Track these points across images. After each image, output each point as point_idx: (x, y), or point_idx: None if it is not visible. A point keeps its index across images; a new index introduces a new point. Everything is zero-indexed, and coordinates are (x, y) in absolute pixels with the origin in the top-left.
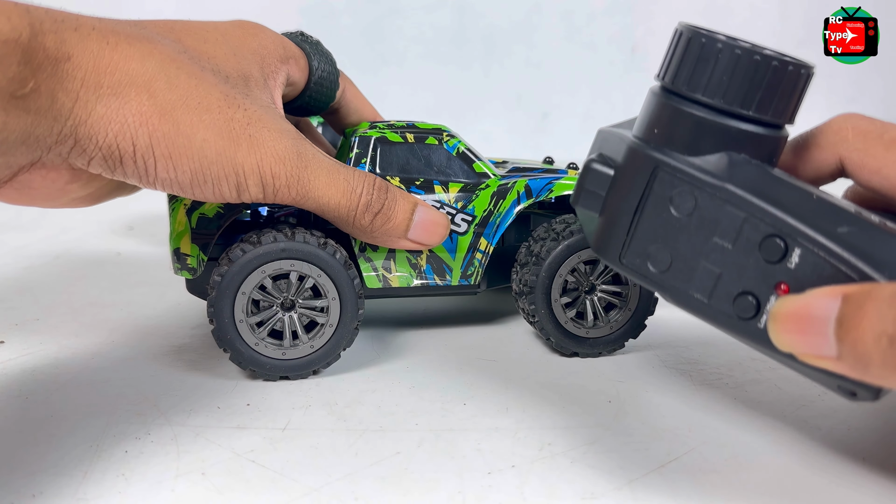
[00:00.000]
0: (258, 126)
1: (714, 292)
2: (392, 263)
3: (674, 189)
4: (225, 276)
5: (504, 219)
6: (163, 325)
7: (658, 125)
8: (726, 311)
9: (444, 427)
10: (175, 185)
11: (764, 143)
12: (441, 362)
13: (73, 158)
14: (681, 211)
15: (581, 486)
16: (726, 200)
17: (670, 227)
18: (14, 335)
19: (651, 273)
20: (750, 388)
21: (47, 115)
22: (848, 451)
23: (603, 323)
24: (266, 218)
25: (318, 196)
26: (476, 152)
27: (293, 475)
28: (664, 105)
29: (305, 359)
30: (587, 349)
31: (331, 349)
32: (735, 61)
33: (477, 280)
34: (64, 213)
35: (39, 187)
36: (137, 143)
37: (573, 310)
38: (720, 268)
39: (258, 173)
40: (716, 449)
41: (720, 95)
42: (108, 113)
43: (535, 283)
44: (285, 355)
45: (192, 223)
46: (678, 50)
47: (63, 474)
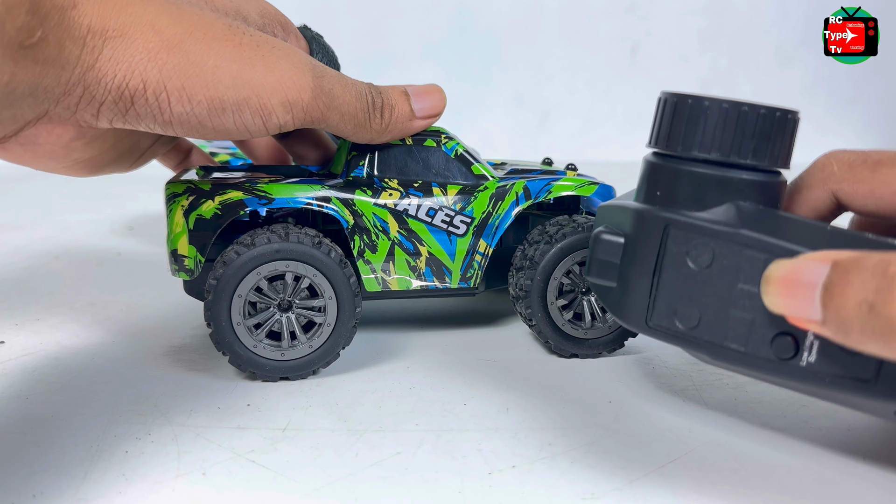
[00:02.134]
0: (268, 47)
1: (750, 339)
2: (391, 266)
3: (689, 244)
4: (220, 280)
5: (503, 220)
6: (163, 326)
7: (660, 188)
8: (765, 355)
9: (444, 427)
10: (193, 119)
11: (765, 189)
12: (441, 362)
13: (82, 110)
14: (699, 264)
15: (581, 486)
16: (744, 245)
17: (692, 283)
18: (14, 335)
19: (681, 332)
20: (750, 388)
21: (55, 65)
22: (848, 451)
23: (601, 323)
24: (264, 219)
25: (339, 104)
26: (474, 154)
27: (293, 475)
28: (662, 168)
29: (304, 359)
30: (586, 350)
31: (329, 348)
32: (724, 116)
33: (476, 282)
34: (64, 213)
35: (44, 143)
36: (147, 80)
37: (570, 311)
38: (751, 313)
39: (282, 92)
40: (716, 449)
41: (716, 149)
42: (115, 54)
43: (530, 288)
44: (284, 356)
45: (190, 224)
46: (666, 115)
47: (63, 474)
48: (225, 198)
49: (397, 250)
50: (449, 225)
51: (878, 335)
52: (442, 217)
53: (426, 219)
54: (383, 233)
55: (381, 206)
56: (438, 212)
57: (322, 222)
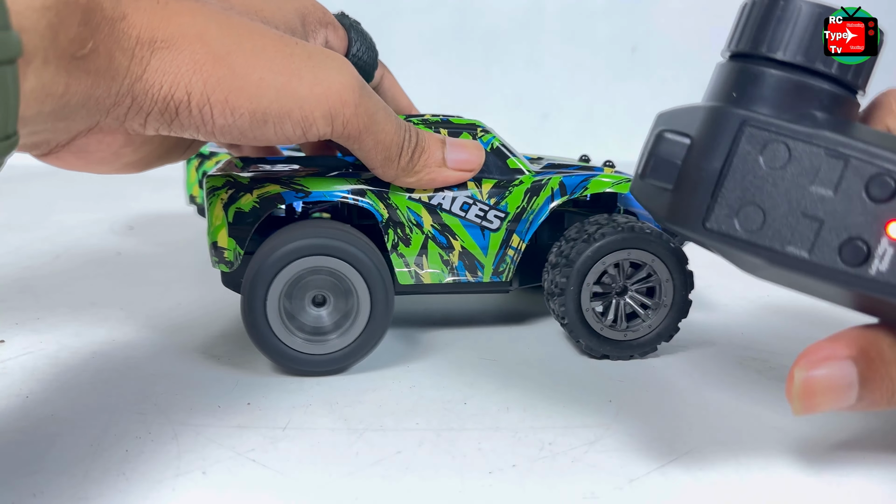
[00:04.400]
0: (320, 58)
1: (816, 244)
2: (424, 259)
3: (765, 143)
4: (263, 265)
5: (537, 216)
6: (163, 325)
7: (737, 90)
8: (831, 262)
9: (444, 426)
10: (235, 130)
11: (843, 104)
12: (441, 362)
13: (130, 120)
14: (773, 165)
15: (582, 485)
16: (825, 146)
17: (762, 183)
18: (14, 335)
19: (740, 234)
20: (750, 387)
21: (105, 76)
22: (848, 451)
23: (620, 328)
24: (300, 214)
25: (378, 129)
26: (511, 148)
27: (294, 474)
28: (742, 70)
29: (331, 356)
30: (594, 345)
31: (357, 349)
32: (816, 20)
33: (509, 277)
34: (64, 213)
35: (95, 151)
36: (192, 92)
37: (607, 317)
38: (821, 217)
39: (326, 104)
40: (716, 449)
41: (802, 53)
42: (162, 65)
43: (565, 286)
44: (311, 350)
45: (230, 217)
46: (754, 15)
47: (64, 473)
48: (263, 191)
49: (430, 244)
50: (482, 219)
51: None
52: (476, 211)
53: (460, 213)
54: (417, 226)
55: (416, 200)
56: (472, 206)
57: (357, 216)
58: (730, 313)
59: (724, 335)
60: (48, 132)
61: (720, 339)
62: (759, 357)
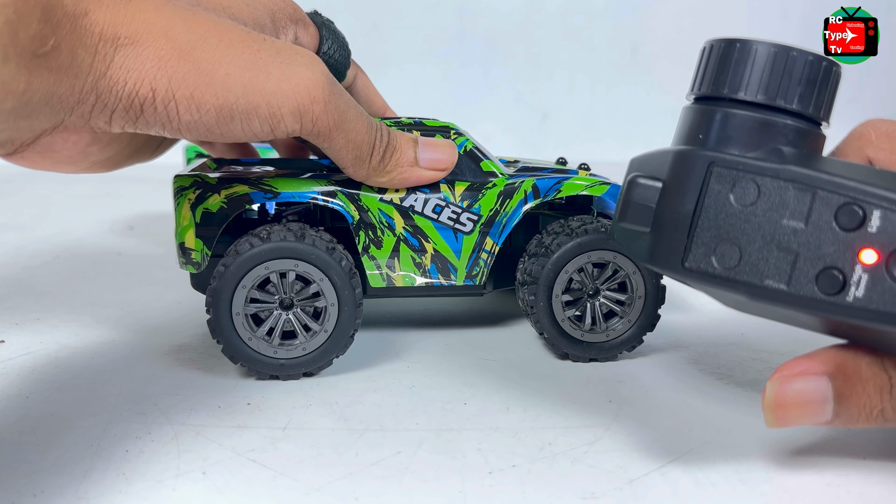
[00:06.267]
0: (289, 54)
1: (793, 276)
2: (396, 262)
3: (733, 182)
4: (228, 268)
5: (510, 219)
6: (163, 325)
7: (703, 131)
8: (809, 293)
9: (444, 427)
10: (201, 126)
11: (808, 138)
12: (441, 362)
13: (95, 118)
14: (744, 202)
15: (582, 485)
16: (792, 180)
17: (735, 221)
18: (14, 335)
19: (719, 272)
20: (750, 387)
21: (68, 73)
22: (848, 450)
23: (600, 329)
24: (273, 216)
25: (349, 128)
26: (484, 151)
27: (293, 474)
28: (706, 112)
29: (296, 360)
30: (579, 352)
31: (322, 354)
32: (773, 59)
33: (482, 280)
34: (64, 213)
35: (61, 150)
36: (157, 88)
37: (573, 309)
38: (795, 249)
39: (294, 100)
40: (716, 449)
41: (762, 92)
42: (126, 62)
43: (539, 274)
44: (276, 354)
45: (197, 218)
46: (713, 59)
47: (64, 473)
48: (231, 192)
49: (402, 247)
50: (455, 222)
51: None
52: (448, 214)
53: (432, 215)
54: (389, 229)
55: (387, 202)
56: (445, 208)
57: (331, 219)
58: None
59: (723, 335)
60: (10, 130)
61: (720, 339)
62: (759, 357)
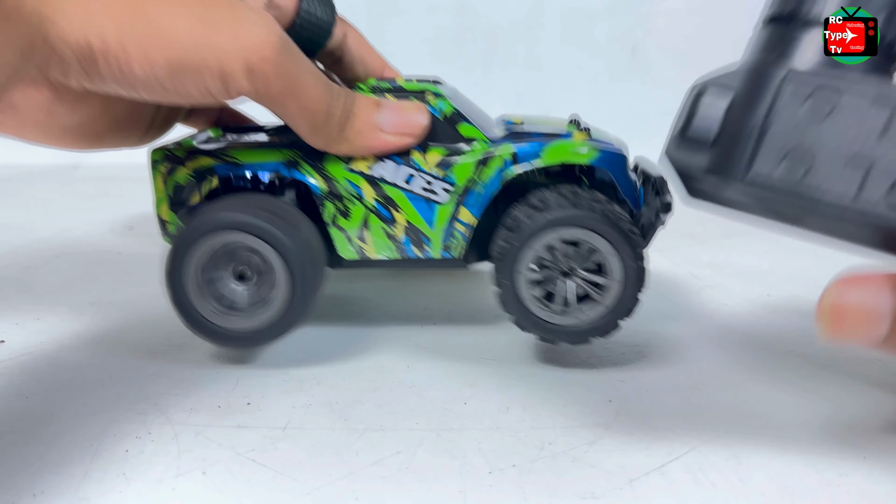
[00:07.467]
0: (242, 12)
1: (864, 186)
2: (367, 234)
3: (807, 94)
4: (182, 234)
5: (488, 188)
6: (163, 325)
7: (777, 49)
8: (878, 203)
9: (444, 426)
10: (155, 82)
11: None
12: (441, 362)
13: (53, 70)
14: (817, 115)
15: (582, 485)
16: (869, 96)
17: (805, 133)
18: (14, 335)
19: (784, 181)
20: (750, 387)
21: (13, 16)
22: (849, 450)
23: (570, 312)
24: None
25: (302, 93)
26: (469, 114)
27: (294, 474)
28: (781, 31)
29: (250, 331)
30: (545, 334)
31: (276, 327)
32: None
33: (461, 254)
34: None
35: (23, 108)
36: (108, 40)
37: (538, 288)
38: (868, 164)
39: (243, 57)
40: (716, 449)
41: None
42: (77, 10)
43: (506, 251)
44: (227, 324)
45: (169, 190)
46: None
47: (64, 473)
48: (196, 164)
49: (372, 218)
50: (428, 191)
51: None
52: (421, 183)
53: (403, 185)
54: (357, 199)
55: (356, 171)
56: (417, 177)
57: (306, 189)
58: (730, 313)
59: (723, 335)
60: None
61: (720, 338)
62: (759, 357)
